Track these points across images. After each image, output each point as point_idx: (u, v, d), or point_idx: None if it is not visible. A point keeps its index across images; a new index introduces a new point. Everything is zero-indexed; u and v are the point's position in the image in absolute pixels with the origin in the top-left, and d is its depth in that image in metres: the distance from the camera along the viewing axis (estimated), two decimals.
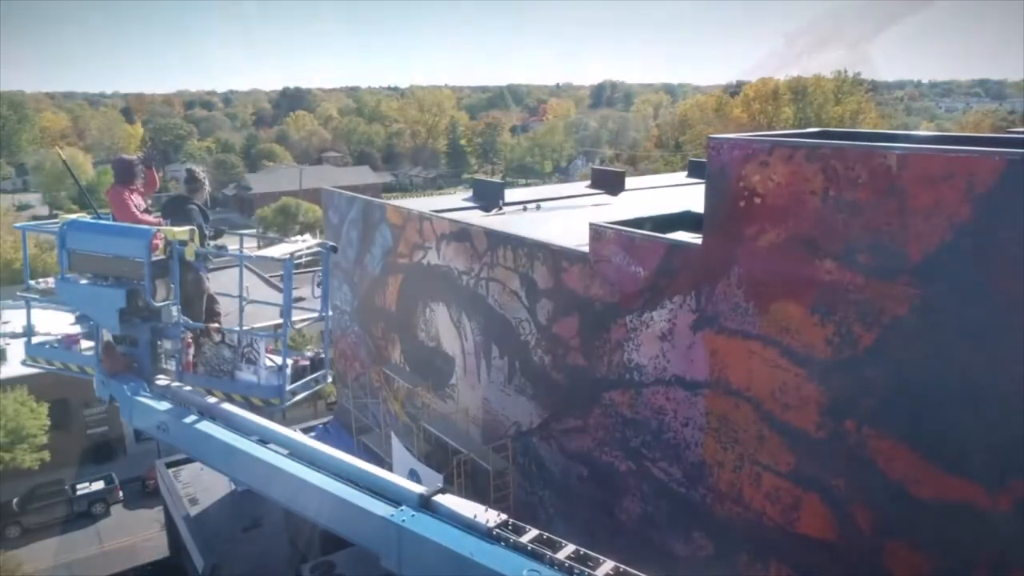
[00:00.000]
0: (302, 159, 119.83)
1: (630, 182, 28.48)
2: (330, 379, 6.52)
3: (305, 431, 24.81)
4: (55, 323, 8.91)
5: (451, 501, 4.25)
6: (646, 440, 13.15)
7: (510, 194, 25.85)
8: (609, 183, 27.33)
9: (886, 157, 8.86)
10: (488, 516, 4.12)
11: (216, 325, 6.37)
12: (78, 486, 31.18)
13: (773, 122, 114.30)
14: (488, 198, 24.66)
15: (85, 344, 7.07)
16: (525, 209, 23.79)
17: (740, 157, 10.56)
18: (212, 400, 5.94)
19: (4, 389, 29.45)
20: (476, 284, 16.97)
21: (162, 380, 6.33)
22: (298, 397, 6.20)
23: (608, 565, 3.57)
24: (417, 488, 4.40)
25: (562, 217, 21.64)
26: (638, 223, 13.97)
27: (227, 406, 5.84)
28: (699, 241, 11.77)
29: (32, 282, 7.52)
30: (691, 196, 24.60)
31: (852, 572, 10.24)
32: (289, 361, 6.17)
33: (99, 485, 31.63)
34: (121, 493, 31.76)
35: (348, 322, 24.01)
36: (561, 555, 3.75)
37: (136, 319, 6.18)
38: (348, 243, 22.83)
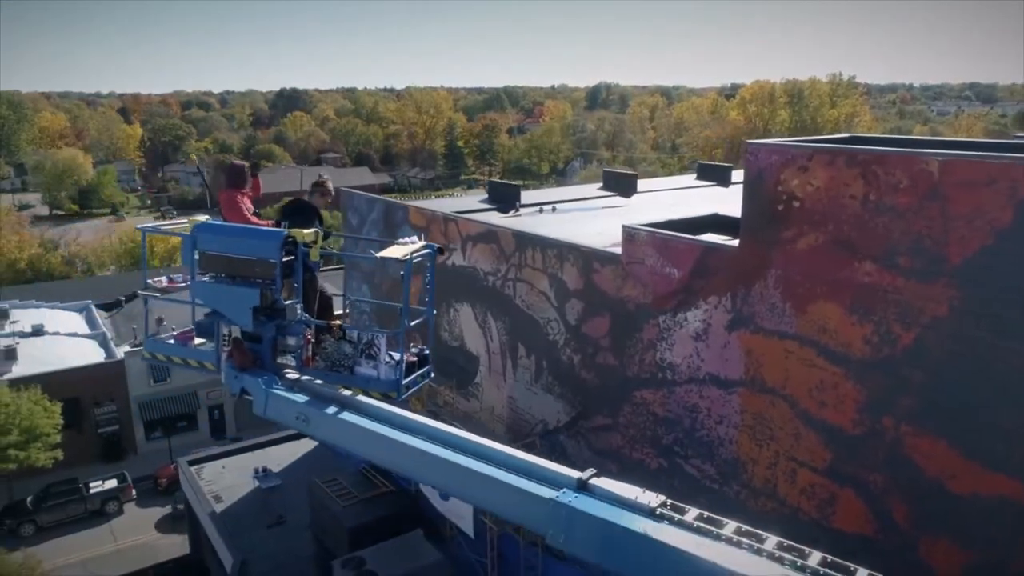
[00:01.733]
0: (301, 160, 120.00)
1: (641, 184, 28.81)
2: (432, 375, 6.80)
3: None
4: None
5: (607, 484, 4.53)
6: (678, 437, 13.46)
7: (523, 196, 26.15)
8: (621, 185, 27.65)
9: (928, 163, 9.20)
10: (648, 497, 4.41)
11: (338, 322, 6.65)
12: (91, 484, 31.31)
13: (769, 125, 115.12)
14: (504, 200, 24.94)
15: (197, 341, 7.33)
16: (541, 211, 24.06)
17: (779, 162, 10.89)
18: (347, 392, 6.21)
19: (18, 388, 29.55)
20: (503, 285, 17.25)
21: (291, 374, 6.60)
22: (411, 391, 6.48)
23: (772, 541, 3.81)
24: (573, 472, 4.67)
25: (579, 219, 21.92)
26: (668, 226, 14.27)
27: (363, 398, 6.11)
28: (734, 243, 12.09)
29: (150, 280, 7.79)
30: (705, 198, 25.07)
31: (888, 566, 10.55)
32: (397, 356, 6.46)
33: (112, 483, 31.76)
34: (134, 491, 31.88)
35: (368, 322, 24.24)
36: (726, 531, 4.01)
37: (262, 317, 6.46)
38: (368, 244, 23.05)
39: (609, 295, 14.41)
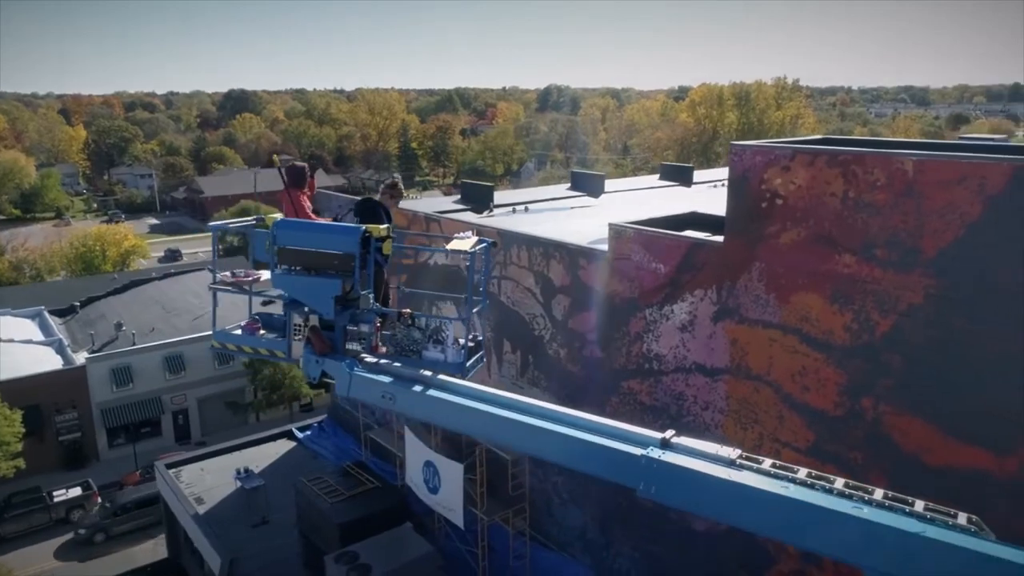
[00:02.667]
0: (252, 162, 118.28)
1: (608, 184, 29.55)
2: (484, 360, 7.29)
3: (300, 430, 25.19)
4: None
5: (687, 441, 5.09)
6: (665, 424, 13.91)
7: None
8: (590, 185, 28.36)
9: (903, 163, 9.99)
10: (727, 450, 4.96)
11: (408, 311, 7.07)
12: (55, 493, 30.76)
13: (718, 126, 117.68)
14: (478, 200, 25.40)
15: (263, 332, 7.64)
16: (514, 211, 24.59)
17: (763, 162, 11.61)
18: (427, 373, 6.65)
19: None
20: (488, 282, 17.70)
21: (369, 358, 7.00)
22: (472, 372, 6.99)
23: (840, 481, 4.39)
24: (655, 433, 5.21)
25: (553, 219, 22.49)
26: (649, 223, 14.93)
27: (445, 377, 6.56)
28: (718, 239, 12.79)
29: (220, 275, 8.06)
30: (670, 198, 25.94)
31: None
32: (463, 341, 6.93)
33: (76, 491, 31.29)
34: (100, 499, 31.40)
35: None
36: (800, 475, 4.61)
37: (339, 306, 6.89)
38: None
39: (596, 290, 15.00)
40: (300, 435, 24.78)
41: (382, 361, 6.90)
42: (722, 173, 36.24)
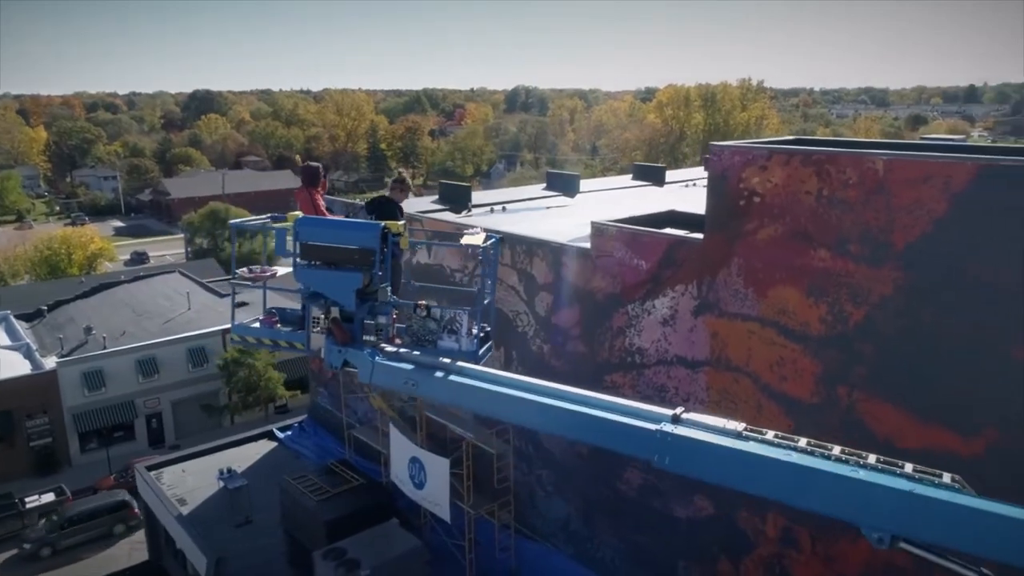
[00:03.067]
0: (219, 163, 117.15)
1: (582, 185, 30.04)
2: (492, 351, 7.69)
3: (281, 430, 25.27)
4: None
5: (696, 416, 5.50)
6: None
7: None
8: (565, 185, 28.82)
9: (874, 162, 10.55)
10: (732, 423, 5.39)
11: (424, 302, 7.38)
12: (27, 499, 30.40)
13: (685, 127, 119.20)
14: (456, 200, 25.70)
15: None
16: (492, 211, 24.94)
17: (741, 162, 12.12)
18: (446, 361, 6.99)
19: None
20: (470, 282, 18.03)
21: (388, 347, 7.31)
22: (484, 359, 7.36)
23: (837, 448, 4.84)
24: (666, 410, 5.63)
25: (531, 218, 22.87)
26: (629, 222, 15.39)
27: (463, 364, 6.91)
28: (697, 236, 13.29)
29: (238, 271, 8.30)
30: (643, 197, 26.49)
31: None
32: (475, 331, 7.30)
33: (49, 497, 30.93)
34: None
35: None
36: (800, 444, 5.06)
37: (358, 299, 7.20)
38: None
39: (578, 287, 15.42)
40: (281, 435, 24.86)
41: (402, 350, 7.25)
42: (693, 173, 37.02)
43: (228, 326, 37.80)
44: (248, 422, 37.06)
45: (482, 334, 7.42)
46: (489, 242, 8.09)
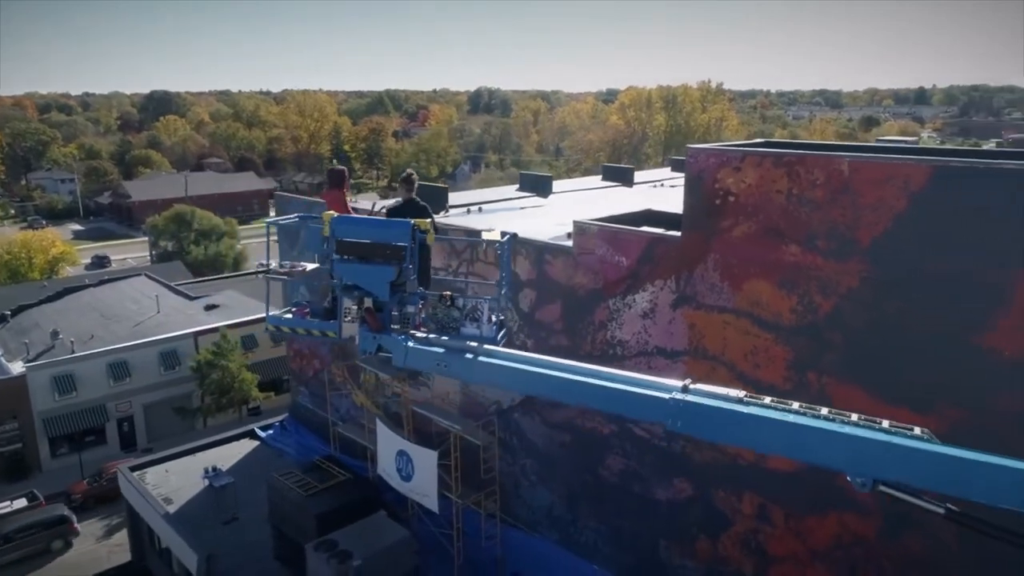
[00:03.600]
0: (180, 165, 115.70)
1: (555, 185, 30.81)
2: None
3: (263, 429, 25.56)
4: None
5: (702, 386, 6.23)
6: None
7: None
8: (538, 186, 29.55)
9: (840, 163, 11.43)
10: (734, 391, 6.13)
11: (448, 292, 8.03)
12: None
13: (647, 128, 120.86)
14: (432, 201, 26.17)
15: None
16: (469, 212, 25.54)
17: (716, 164, 12.95)
18: (472, 344, 7.67)
19: None
20: (455, 280, 18.62)
21: (419, 333, 7.96)
22: (501, 344, 8.06)
23: (824, 409, 5.61)
24: (676, 381, 6.34)
25: (507, 218, 23.55)
26: (609, 220, 16.15)
27: (488, 346, 7.62)
28: (675, 233, 14.09)
29: (274, 264, 8.84)
30: (614, 197, 27.34)
31: (812, 495, 12.82)
32: (495, 318, 7.99)
33: (21, 502, 30.67)
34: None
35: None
36: (793, 406, 5.81)
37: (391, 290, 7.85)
38: (306, 247, 23.78)
39: (561, 283, 16.13)
40: (263, 434, 25.16)
41: (431, 336, 7.95)
42: (659, 174, 38.09)
43: (199, 328, 37.92)
44: (221, 424, 37.09)
45: (498, 322, 8.11)
46: (505, 238, 8.78)
